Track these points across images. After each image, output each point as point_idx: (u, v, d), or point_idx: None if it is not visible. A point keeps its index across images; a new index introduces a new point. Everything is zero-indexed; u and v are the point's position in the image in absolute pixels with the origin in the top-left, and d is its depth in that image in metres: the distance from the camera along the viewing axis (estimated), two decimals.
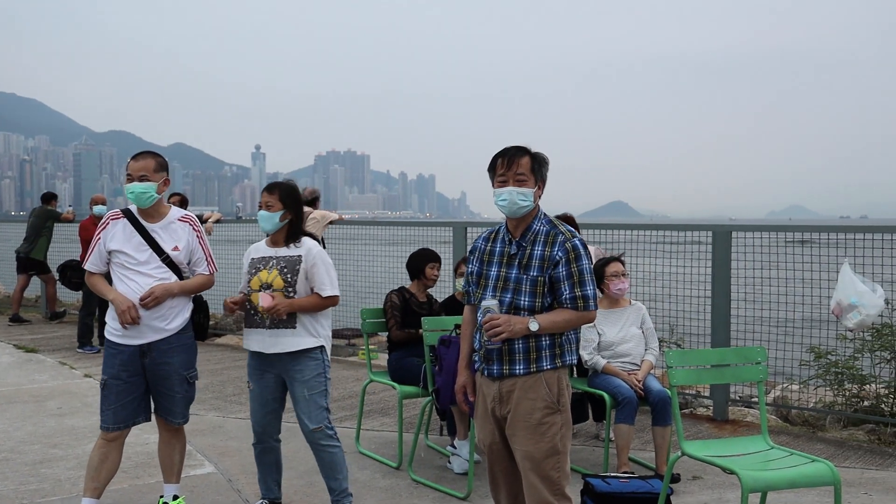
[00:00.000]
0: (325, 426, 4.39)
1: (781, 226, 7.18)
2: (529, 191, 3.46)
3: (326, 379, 4.45)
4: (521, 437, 3.47)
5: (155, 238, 4.30)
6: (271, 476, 4.65)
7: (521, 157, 3.49)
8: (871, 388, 6.67)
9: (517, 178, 3.46)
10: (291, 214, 4.45)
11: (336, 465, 4.45)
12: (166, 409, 4.40)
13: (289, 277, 4.34)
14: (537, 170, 3.51)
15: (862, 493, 5.09)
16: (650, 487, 4.47)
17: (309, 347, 4.37)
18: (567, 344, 3.54)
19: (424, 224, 10.11)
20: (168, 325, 4.29)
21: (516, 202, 3.45)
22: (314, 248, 4.45)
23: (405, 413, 6.42)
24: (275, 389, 4.48)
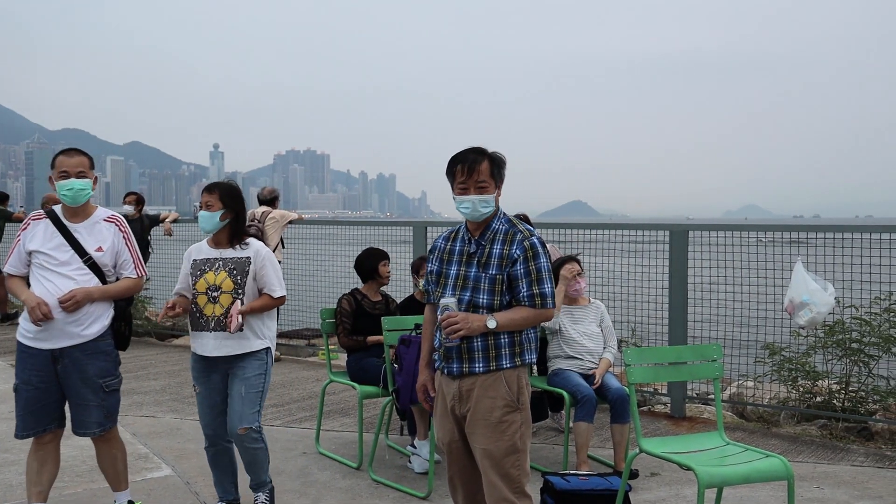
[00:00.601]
0: (254, 428, 4.34)
1: (737, 225, 7.29)
2: (491, 197, 3.50)
3: (266, 380, 4.41)
4: (481, 435, 3.49)
5: (77, 238, 4.13)
6: (227, 478, 4.60)
7: (480, 164, 3.49)
8: (823, 384, 6.80)
9: (478, 186, 3.48)
10: (232, 214, 4.39)
11: (258, 462, 4.46)
12: (79, 422, 4.19)
13: (238, 279, 4.29)
14: (496, 173, 3.53)
15: (814, 486, 5.20)
16: (609, 484, 4.51)
17: (255, 350, 4.36)
18: (527, 342, 3.56)
19: (385, 224, 10.11)
20: (84, 331, 4.08)
21: (479, 210, 3.48)
22: (261, 249, 4.42)
23: (365, 413, 6.40)
24: (222, 390, 4.41)
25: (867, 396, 6.58)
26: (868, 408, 6.59)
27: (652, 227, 7.32)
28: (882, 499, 4.98)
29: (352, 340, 5.93)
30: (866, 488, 5.17)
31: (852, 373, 6.61)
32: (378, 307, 6.04)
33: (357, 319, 5.97)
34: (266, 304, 4.39)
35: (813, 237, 6.77)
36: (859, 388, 6.60)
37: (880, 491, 5.12)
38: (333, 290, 9.53)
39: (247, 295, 4.32)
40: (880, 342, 6.46)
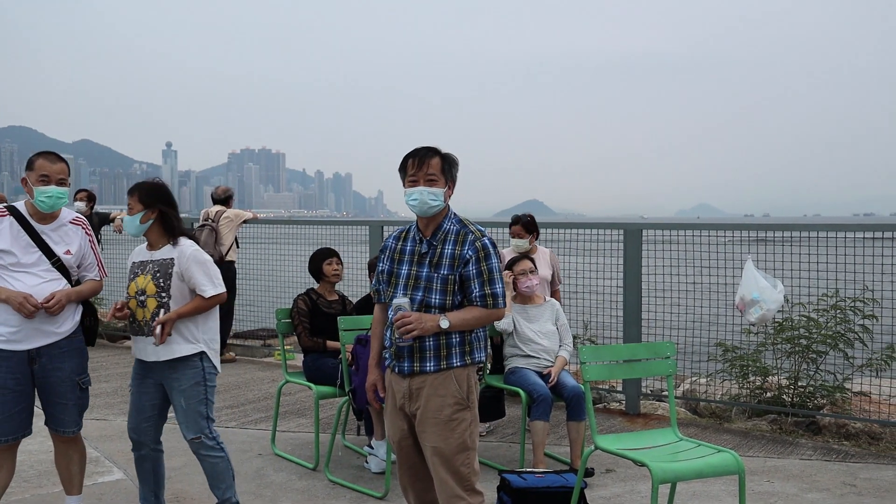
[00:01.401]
0: (205, 436, 4.19)
1: (689, 224, 7.39)
2: (440, 190, 3.52)
3: (207, 387, 4.22)
4: (431, 433, 3.52)
5: (45, 240, 4.08)
6: (148, 486, 4.41)
7: (431, 158, 3.55)
8: (773, 380, 6.94)
9: (428, 178, 3.52)
10: (154, 214, 4.19)
11: (219, 475, 4.26)
12: (57, 420, 4.16)
13: (161, 282, 4.12)
14: (447, 170, 3.57)
15: (765, 480, 5.30)
16: (565, 482, 4.55)
17: (187, 355, 4.15)
18: (476, 342, 3.61)
19: (341, 223, 10.07)
20: (58, 329, 4.07)
21: (427, 202, 3.51)
22: (187, 249, 4.18)
23: (322, 413, 6.37)
24: (153, 396, 4.26)
25: (815, 392, 6.73)
26: (816, 403, 6.74)
27: (606, 227, 7.40)
28: (829, 491, 5.10)
29: (313, 342, 5.90)
30: (814, 481, 5.29)
31: (801, 369, 6.76)
32: (334, 306, 6.02)
33: (313, 319, 5.95)
34: (198, 307, 4.16)
35: (763, 235, 6.90)
36: (808, 384, 6.74)
37: (827, 484, 5.23)
38: (289, 290, 9.47)
39: (174, 298, 4.13)
40: (828, 339, 6.61)
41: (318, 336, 5.93)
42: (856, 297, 6.57)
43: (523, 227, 6.37)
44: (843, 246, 6.41)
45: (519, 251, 6.26)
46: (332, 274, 6.07)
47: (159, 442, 4.38)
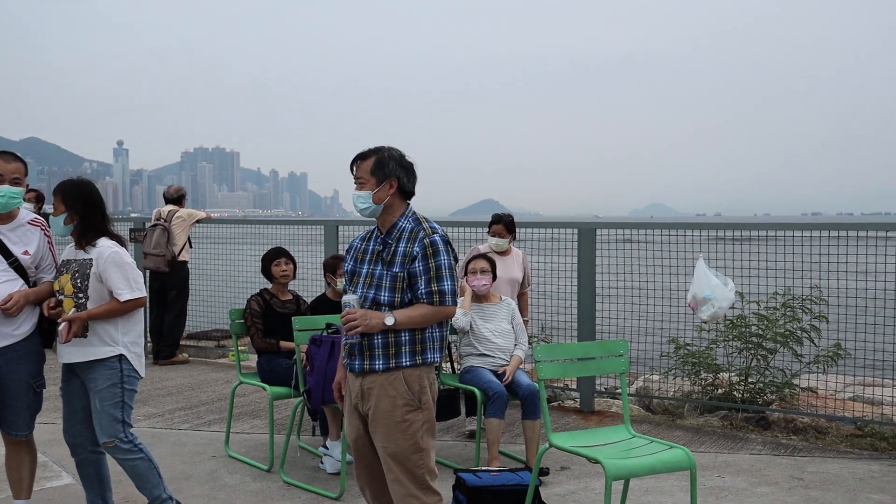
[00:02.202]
0: (120, 439, 4.07)
1: (642, 223, 7.48)
2: (367, 193, 3.57)
3: (124, 390, 4.09)
4: (383, 434, 3.52)
5: (3, 240, 4.03)
6: (93, 490, 4.32)
7: (362, 161, 3.61)
8: (724, 376, 7.05)
9: (357, 181, 3.61)
10: (77, 215, 4.06)
11: (142, 476, 4.15)
12: (10, 422, 4.11)
13: (79, 283, 4.01)
14: (377, 170, 3.58)
15: (716, 475, 5.38)
16: (520, 480, 4.57)
17: (102, 357, 4.04)
18: (430, 342, 3.59)
19: (295, 222, 9.99)
20: (16, 331, 4.03)
21: (356, 205, 3.61)
22: (106, 250, 4.04)
23: (276, 414, 6.31)
24: (82, 398, 4.17)
25: (765, 388, 6.86)
26: (766, 398, 6.87)
27: (561, 226, 7.45)
28: (778, 485, 5.20)
29: (266, 343, 5.85)
30: (763, 475, 5.39)
31: (751, 366, 6.88)
32: (288, 306, 5.98)
33: (267, 319, 5.90)
34: (112, 309, 4.02)
35: (714, 234, 7.01)
36: (758, 381, 6.87)
37: (776, 478, 5.34)
38: (243, 290, 9.37)
39: (92, 299, 4.01)
40: (778, 337, 6.74)
41: (272, 336, 5.88)
42: (804, 295, 6.71)
43: (505, 227, 6.42)
44: (792, 245, 6.55)
45: (497, 250, 6.31)
46: (281, 275, 6.02)
47: (98, 444, 4.23)
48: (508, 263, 6.33)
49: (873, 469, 5.51)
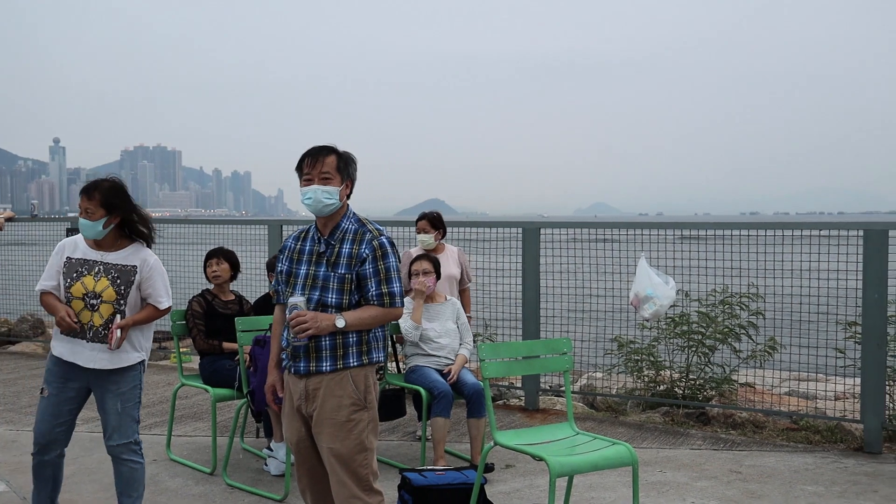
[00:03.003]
0: (134, 441, 4.12)
1: (586, 222, 7.57)
2: (334, 189, 3.51)
3: (140, 392, 4.18)
4: (328, 434, 3.50)
5: None
6: (45, 491, 4.24)
7: (326, 156, 3.54)
8: (666, 373, 7.17)
9: (322, 177, 3.51)
10: (118, 218, 4.03)
11: (134, 482, 4.15)
12: None
13: (122, 289, 3.99)
14: (343, 168, 3.56)
15: (657, 470, 5.47)
16: (465, 478, 4.58)
17: (131, 364, 4.08)
18: (374, 341, 3.60)
19: (239, 222, 9.88)
20: None
21: (321, 200, 3.49)
22: (149, 257, 4.11)
23: (219, 416, 6.23)
24: (74, 400, 4.12)
25: (705, 384, 6.99)
26: (706, 394, 7.00)
27: (505, 225, 7.49)
28: (717, 479, 5.31)
29: (208, 344, 5.77)
30: (703, 469, 5.50)
31: (692, 362, 7.01)
32: (230, 307, 5.90)
33: (209, 320, 5.81)
34: (150, 316, 4.11)
35: (656, 233, 7.12)
36: (698, 377, 7.00)
37: (715, 472, 5.45)
38: (186, 291, 9.22)
39: (129, 305, 4.02)
40: (717, 333, 6.88)
41: (214, 337, 5.79)
42: (741, 293, 6.86)
43: (429, 223, 6.37)
44: (731, 244, 6.69)
45: (425, 248, 6.28)
46: (212, 275, 5.94)
47: (65, 448, 4.23)
48: (443, 261, 6.32)
49: (807, 461, 5.66)
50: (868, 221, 6.02)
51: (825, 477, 5.34)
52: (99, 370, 4.04)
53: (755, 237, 6.64)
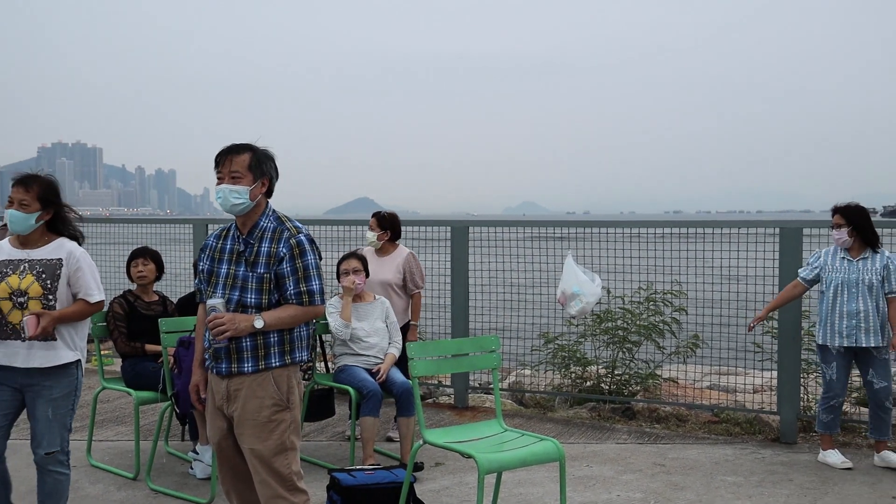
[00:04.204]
0: (62, 449, 3.97)
1: (514, 221, 7.64)
2: (244, 188, 3.46)
3: (76, 399, 4.03)
4: (249, 435, 3.47)
5: None
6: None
7: (238, 155, 3.50)
8: (592, 369, 7.29)
9: (232, 176, 3.48)
10: (50, 213, 3.93)
11: (59, 493, 4.02)
12: None
13: (48, 284, 3.85)
14: (256, 166, 3.51)
15: (584, 465, 5.57)
16: (395, 477, 4.58)
17: (66, 363, 3.93)
18: (297, 341, 3.58)
19: (163, 221, 9.67)
20: None
21: (229, 200, 3.46)
22: (76, 250, 3.96)
23: (143, 420, 6.09)
24: (9, 404, 3.95)
25: (630, 379, 7.14)
26: (631, 389, 7.15)
27: (434, 224, 7.51)
28: (642, 472, 5.43)
29: (130, 347, 5.62)
30: (629, 463, 5.61)
31: (618, 358, 7.15)
32: (153, 308, 5.76)
33: (132, 322, 5.67)
34: (82, 311, 3.95)
35: (582, 231, 7.24)
36: (624, 373, 7.14)
37: (640, 465, 5.57)
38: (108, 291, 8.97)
39: (60, 302, 3.88)
40: (642, 330, 7.03)
41: (138, 339, 5.65)
42: (664, 290, 7.03)
43: (376, 221, 6.28)
44: (655, 241, 6.84)
45: (369, 245, 6.26)
46: (137, 276, 5.80)
47: (5, 451, 4.08)
48: (384, 265, 6.20)
49: (728, 453, 5.83)
50: (784, 220, 6.24)
51: (744, 467, 5.51)
52: (34, 370, 3.89)
53: (678, 235, 6.81)
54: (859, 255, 5.51)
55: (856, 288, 5.44)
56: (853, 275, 5.45)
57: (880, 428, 5.51)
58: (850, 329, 5.43)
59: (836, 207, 5.63)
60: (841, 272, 5.50)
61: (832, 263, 5.55)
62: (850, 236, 5.48)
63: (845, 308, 5.44)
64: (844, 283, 5.46)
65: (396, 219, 6.40)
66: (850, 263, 5.49)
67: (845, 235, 5.49)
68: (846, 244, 5.51)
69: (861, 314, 5.41)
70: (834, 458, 5.49)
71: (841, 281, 5.48)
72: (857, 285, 5.43)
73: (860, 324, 5.41)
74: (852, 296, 5.44)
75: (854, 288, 5.44)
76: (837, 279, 5.49)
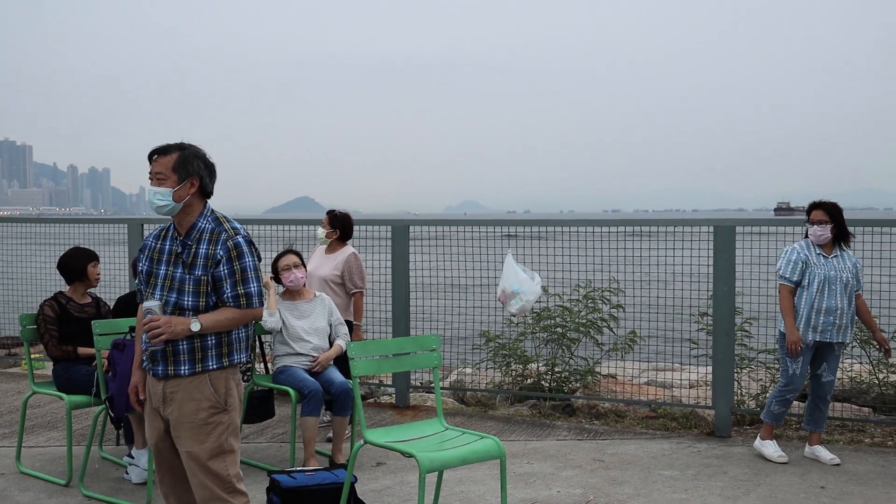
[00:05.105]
0: None
1: (455, 220, 7.65)
2: (167, 190, 3.42)
3: None
4: (186, 437, 3.43)
5: None
6: None
7: (164, 156, 3.46)
8: (533, 367, 7.35)
9: (156, 178, 3.45)
10: None
11: None
12: None
13: None
14: (181, 167, 3.45)
15: (525, 462, 5.61)
16: (335, 478, 4.54)
17: None
18: (235, 342, 3.54)
19: (97, 221, 9.44)
20: None
21: (154, 202, 3.44)
22: None
23: (77, 425, 5.94)
24: None
25: (570, 376, 7.22)
26: (571, 386, 7.23)
27: (374, 223, 7.49)
28: (581, 467, 5.49)
29: (61, 350, 5.47)
30: (569, 459, 5.67)
31: (557, 355, 7.22)
32: (87, 310, 5.61)
33: (63, 325, 5.51)
34: None
35: (522, 230, 7.29)
36: (563, 370, 7.21)
37: (580, 461, 5.64)
38: (37, 293, 8.73)
39: None
40: (580, 327, 7.11)
41: (70, 342, 5.50)
42: (603, 287, 7.12)
43: (328, 219, 6.40)
44: (593, 239, 6.93)
45: (318, 240, 6.34)
46: (97, 277, 5.68)
47: None
48: (326, 261, 6.29)
49: (665, 448, 5.94)
50: (718, 218, 6.37)
51: (680, 461, 5.61)
52: None
53: (616, 233, 6.91)
54: (832, 253, 5.56)
55: (836, 285, 5.46)
56: (832, 272, 5.48)
57: (818, 420, 5.65)
58: (826, 325, 5.47)
59: (816, 204, 5.61)
60: (822, 268, 5.49)
61: (813, 258, 5.54)
62: (831, 233, 5.51)
63: (825, 304, 5.47)
64: (827, 280, 5.46)
65: (349, 219, 6.52)
66: (826, 260, 5.53)
67: (828, 232, 5.49)
68: (826, 240, 5.52)
69: (838, 311, 5.46)
70: (771, 450, 5.61)
71: (825, 277, 5.47)
72: (837, 282, 5.47)
73: (836, 321, 5.47)
74: (832, 292, 5.46)
75: (834, 285, 5.46)
76: (821, 275, 5.47)
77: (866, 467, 5.44)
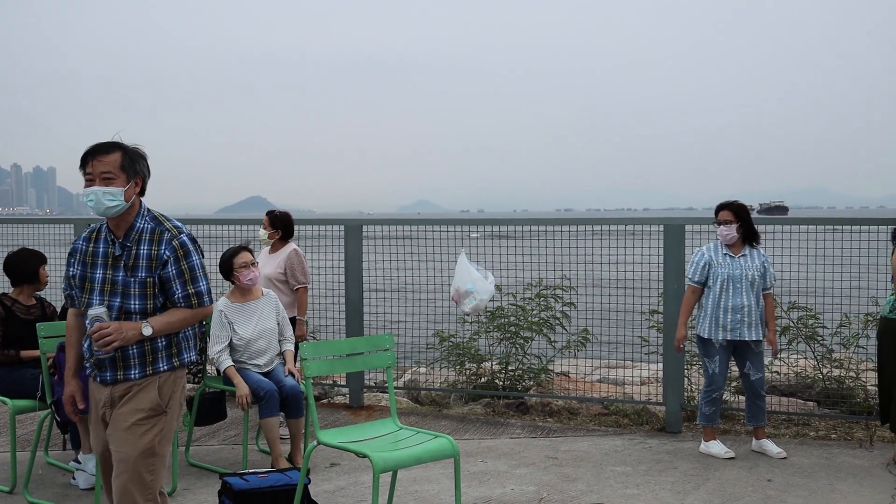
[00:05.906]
0: None
1: (408, 219, 7.65)
2: (118, 190, 3.31)
3: None
4: (117, 438, 3.34)
5: None
6: None
7: (107, 155, 3.34)
8: (486, 365, 7.38)
9: (104, 177, 3.31)
10: None
11: None
12: None
13: None
14: (128, 166, 3.36)
15: (479, 460, 5.63)
16: (288, 479, 4.51)
17: None
18: (184, 342, 3.48)
19: (42, 221, 9.22)
20: None
21: (103, 202, 3.30)
22: None
23: (21, 430, 5.80)
24: None
25: (523, 375, 7.25)
26: (524, 384, 7.27)
27: (327, 223, 7.45)
28: (535, 465, 5.53)
29: (3, 355, 5.33)
30: (522, 457, 5.70)
31: (511, 354, 7.25)
32: (33, 312, 5.49)
33: (8, 328, 5.38)
34: None
35: (475, 229, 7.31)
36: (517, 368, 7.25)
37: (534, 458, 5.67)
38: None
39: None
40: (533, 325, 7.16)
41: (14, 345, 5.37)
42: (556, 285, 7.18)
43: (269, 220, 6.41)
44: (546, 238, 6.97)
45: (261, 241, 6.31)
46: (46, 280, 5.56)
47: None
48: (270, 260, 6.30)
49: (617, 444, 6.01)
50: (667, 217, 6.46)
51: (632, 457, 5.68)
52: None
53: (568, 232, 6.96)
54: (740, 252, 5.73)
55: (740, 283, 5.63)
56: (736, 271, 5.65)
57: (757, 415, 5.78)
58: (735, 323, 5.64)
59: (723, 204, 5.79)
60: (726, 268, 5.66)
61: (717, 259, 5.71)
62: (737, 232, 5.69)
63: (730, 303, 5.63)
64: (730, 279, 5.63)
65: (289, 218, 6.50)
66: (732, 259, 5.69)
67: (734, 231, 5.66)
68: (733, 240, 5.69)
69: (745, 309, 5.62)
70: (717, 449, 5.71)
71: (727, 276, 5.64)
72: (742, 281, 5.63)
73: (744, 318, 5.62)
74: (737, 291, 5.63)
75: (738, 283, 5.63)
76: (724, 274, 5.65)
77: (811, 460, 5.57)
